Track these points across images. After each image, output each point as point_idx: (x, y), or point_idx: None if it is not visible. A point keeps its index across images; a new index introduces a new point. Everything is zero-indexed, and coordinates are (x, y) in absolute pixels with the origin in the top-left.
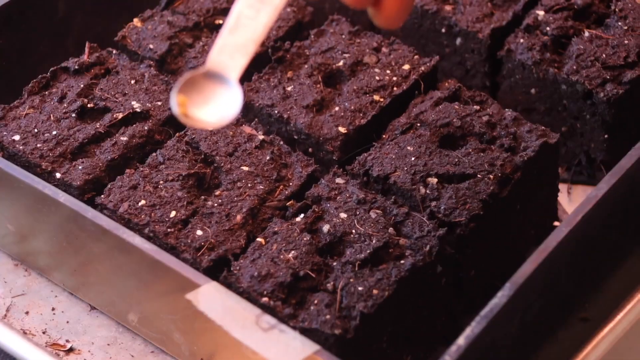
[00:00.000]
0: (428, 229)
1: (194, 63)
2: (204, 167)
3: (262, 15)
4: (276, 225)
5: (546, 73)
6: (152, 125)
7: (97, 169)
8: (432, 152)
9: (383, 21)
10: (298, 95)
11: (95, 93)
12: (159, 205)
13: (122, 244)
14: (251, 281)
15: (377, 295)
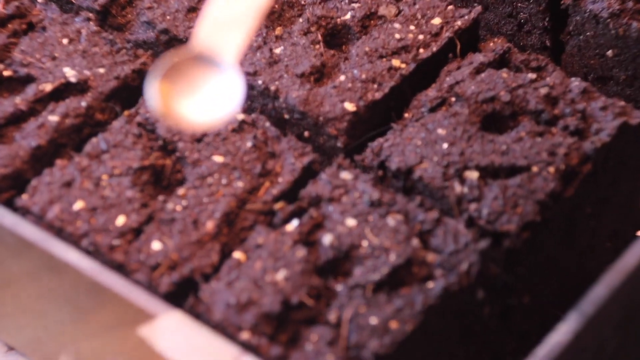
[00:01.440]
0: (465, 240)
1: (149, 16)
2: (163, 158)
3: None
4: (260, 236)
5: (628, 28)
6: (92, 100)
7: (16, 160)
8: (472, 136)
9: None
10: (290, 60)
11: (14, 56)
12: (101, 209)
13: (51, 261)
14: (227, 311)
15: (396, 330)
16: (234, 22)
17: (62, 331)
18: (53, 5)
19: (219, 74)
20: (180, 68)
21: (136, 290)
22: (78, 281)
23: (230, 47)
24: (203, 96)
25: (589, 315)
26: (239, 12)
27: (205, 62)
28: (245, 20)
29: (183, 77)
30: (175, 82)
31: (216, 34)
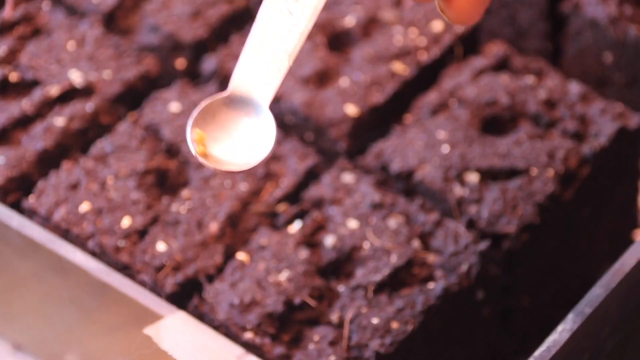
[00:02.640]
0: (465, 242)
1: (154, 20)
2: (167, 160)
3: (295, 19)
4: (264, 237)
5: (626, 33)
6: (98, 103)
7: (23, 162)
8: (472, 139)
9: (455, 16)
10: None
11: (21, 60)
12: (107, 211)
13: (57, 262)
14: (230, 311)
15: (397, 330)
16: (267, 64)
17: (68, 331)
18: (59, 10)
19: (252, 117)
20: (213, 111)
21: (141, 291)
22: (84, 282)
23: (264, 89)
24: (236, 138)
25: (586, 315)
26: (271, 54)
27: (238, 104)
28: (279, 62)
29: (217, 120)
30: (209, 125)
31: (249, 77)
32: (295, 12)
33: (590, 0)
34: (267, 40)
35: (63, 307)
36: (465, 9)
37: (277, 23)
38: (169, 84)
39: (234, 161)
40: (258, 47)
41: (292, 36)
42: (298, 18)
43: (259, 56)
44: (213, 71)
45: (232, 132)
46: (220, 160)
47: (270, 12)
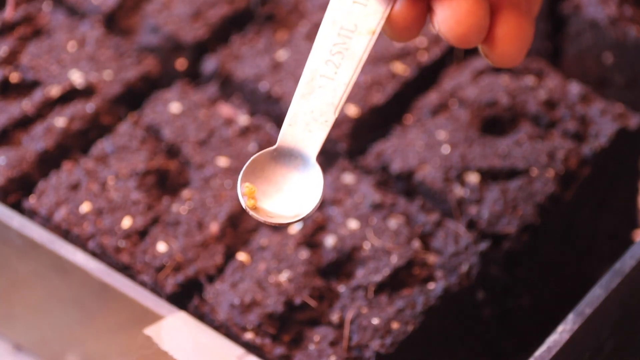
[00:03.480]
0: (466, 242)
1: (154, 21)
2: (168, 161)
3: (342, 71)
4: (264, 238)
5: (626, 34)
6: (98, 104)
7: (24, 163)
8: (472, 140)
9: (498, 59)
10: (293, 64)
11: (22, 61)
12: (107, 211)
13: (58, 262)
14: (231, 312)
15: (397, 330)
16: (315, 117)
17: (69, 331)
18: (59, 10)
19: (300, 169)
20: (264, 164)
21: (141, 291)
22: (84, 282)
23: (311, 141)
24: (287, 190)
25: (586, 316)
26: (319, 107)
27: (286, 157)
28: (326, 114)
29: (267, 173)
30: (260, 178)
31: (297, 129)
32: (342, 65)
33: (591, 1)
34: (314, 93)
35: (63, 307)
36: (508, 53)
37: (324, 75)
38: (169, 85)
39: (284, 214)
40: (305, 100)
41: (338, 90)
42: (344, 71)
43: (306, 109)
44: (213, 71)
45: (281, 185)
46: (271, 213)
47: (316, 65)
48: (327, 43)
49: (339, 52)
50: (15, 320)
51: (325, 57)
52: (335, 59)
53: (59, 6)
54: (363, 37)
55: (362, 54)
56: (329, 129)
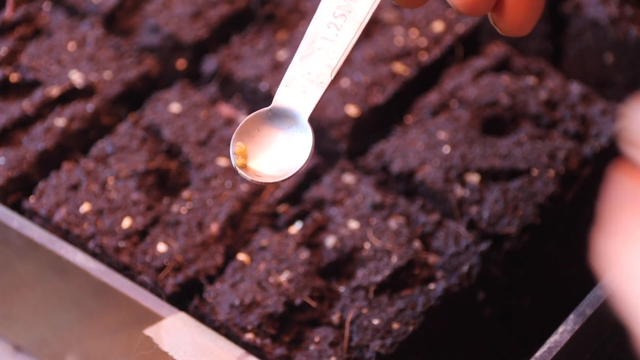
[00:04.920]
0: (466, 243)
1: (154, 21)
2: (168, 161)
3: (343, 34)
4: (264, 238)
5: (627, 34)
6: (98, 104)
7: (24, 163)
8: (473, 140)
9: (507, 27)
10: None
11: (21, 61)
12: (107, 211)
13: (58, 262)
14: (231, 312)
15: (398, 330)
16: (311, 78)
17: (69, 332)
18: (59, 10)
19: (293, 128)
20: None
21: (141, 292)
22: (84, 282)
23: (305, 103)
24: (277, 150)
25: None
26: (316, 69)
27: (279, 118)
28: (322, 76)
29: (261, 133)
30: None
31: (293, 90)
32: (343, 28)
33: (591, 1)
34: (313, 55)
35: (63, 308)
36: (518, 22)
37: (324, 37)
38: (169, 85)
39: (273, 173)
40: (303, 62)
41: (337, 52)
42: (345, 34)
43: (303, 70)
44: (214, 72)
45: (272, 145)
46: (259, 173)
47: (318, 27)
48: (331, 6)
49: (342, 15)
50: (15, 321)
51: (328, 20)
52: (338, 22)
53: (59, 6)
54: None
55: (365, 17)
56: (324, 90)
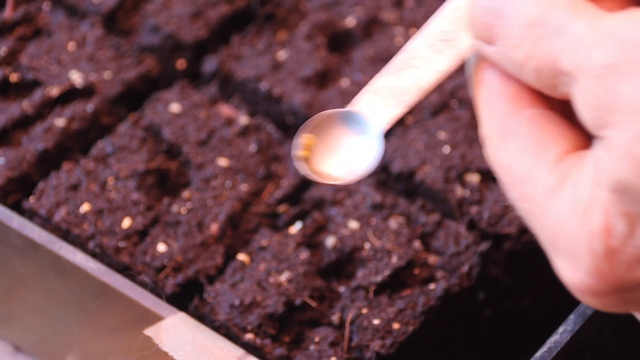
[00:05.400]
0: (467, 243)
1: (154, 21)
2: (168, 161)
3: (440, 59)
4: (264, 238)
5: None
6: (98, 104)
7: (23, 163)
8: (473, 140)
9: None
10: (293, 64)
11: (21, 61)
12: (107, 211)
13: (58, 262)
14: (231, 312)
15: (398, 330)
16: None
17: (69, 332)
18: (59, 10)
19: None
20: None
21: (141, 292)
22: (84, 282)
23: (384, 116)
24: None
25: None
26: (404, 85)
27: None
28: (408, 94)
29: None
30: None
31: (376, 101)
32: (443, 53)
33: None
34: (405, 71)
35: (63, 308)
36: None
37: (421, 57)
38: (169, 85)
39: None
40: (394, 76)
41: (429, 75)
42: (443, 59)
43: (392, 84)
44: (214, 72)
45: (340, 146)
46: (316, 171)
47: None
48: (438, 29)
49: (446, 40)
50: (15, 321)
51: (430, 41)
52: (439, 46)
53: (59, 6)
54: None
55: (467, 49)
56: (406, 109)
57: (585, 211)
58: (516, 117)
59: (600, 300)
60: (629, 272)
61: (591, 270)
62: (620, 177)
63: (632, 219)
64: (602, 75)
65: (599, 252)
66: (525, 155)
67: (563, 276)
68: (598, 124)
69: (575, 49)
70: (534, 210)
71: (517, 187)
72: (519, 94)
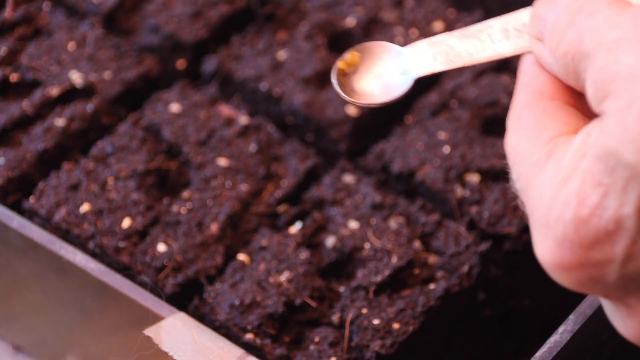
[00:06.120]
0: (467, 243)
1: (154, 21)
2: (168, 161)
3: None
4: (264, 238)
5: None
6: (98, 104)
7: (23, 163)
8: (473, 140)
9: None
10: (293, 64)
11: (21, 61)
12: (107, 211)
13: (58, 262)
14: (231, 312)
15: (398, 330)
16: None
17: (69, 332)
18: (59, 10)
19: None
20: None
21: (141, 292)
22: (84, 282)
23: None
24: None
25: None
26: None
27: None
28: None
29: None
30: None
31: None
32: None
33: None
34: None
35: (63, 308)
36: None
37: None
38: (169, 85)
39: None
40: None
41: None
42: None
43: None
44: (214, 72)
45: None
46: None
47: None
48: (518, 17)
49: (518, 30)
50: (15, 321)
51: (506, 25)
52: (511, 32)
53: (59, 6)
54: None
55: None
56: (449, 68)
57: (563, 180)
58: (532, 108)
59: (567, 275)
60: (594, 245)
61: (559, 239)
62: (605, 143)
63: (605, 190)
64: (612, 48)
65: (568, 220)
66: (527, 140)
67: (535, 248)
68: (599, 96)
69: (598, 28)
70: (523, 187)
71: (515, 167)
72: (544, 86)
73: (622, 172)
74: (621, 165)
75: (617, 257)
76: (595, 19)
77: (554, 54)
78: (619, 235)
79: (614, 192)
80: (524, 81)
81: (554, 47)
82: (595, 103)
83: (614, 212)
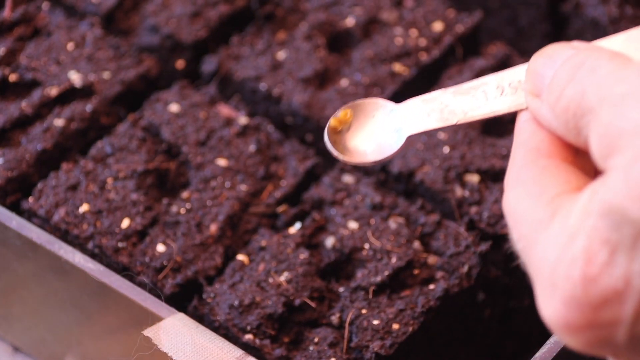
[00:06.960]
0: (466, 243)
1: (153, 21)
2: (167, 161)
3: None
4: (264, 239)
5: None
6: (97, 104)
7: (23, 163)
8: (472, 140)
9: None
10: (293, 65)
11: (20, 61)
12: (106, 212)
13: (57, 263)
14: (230, 312)
15: (397, 331)
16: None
17: (68, 332)
18: (58, 10)
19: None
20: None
21: (141, 292)
22: (83, 283)
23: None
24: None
25: None
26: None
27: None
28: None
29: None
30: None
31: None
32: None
33: (591, 1)
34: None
35: (62, 308)
36: None
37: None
38: (168, 85)
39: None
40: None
41: (484, 110)
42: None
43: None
44: (213, 72)
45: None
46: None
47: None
48: (513, 74)
49: (513, 87)
50: (14, 322)
51: (501, 82)
52: (506, 89)
53: (58, 6)
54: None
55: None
56: (443, 126)
57: (569, 238)
58: (531, 166)
59: (575, 337)
60: (603, 305)
61: (566, 298)
62: (610, 198)
63: (613, 247)
64: (617, 103)
65: (576, 279)
66: (527, 199)
67: (541, 309)
68: (605, 153)
69: (602, 83)
70: (525, 246)
71: (515, 227)
72: (542, 144)
73: (629, 229)
74: (628, 222)
75: (626, 317)
76: (598, 74)
77: (553, 110)
78: (628, 295)
79: (622, 250)
80: (521, 139)
81: (553, 102)
82: (600, 159)
83: (624, 271)
